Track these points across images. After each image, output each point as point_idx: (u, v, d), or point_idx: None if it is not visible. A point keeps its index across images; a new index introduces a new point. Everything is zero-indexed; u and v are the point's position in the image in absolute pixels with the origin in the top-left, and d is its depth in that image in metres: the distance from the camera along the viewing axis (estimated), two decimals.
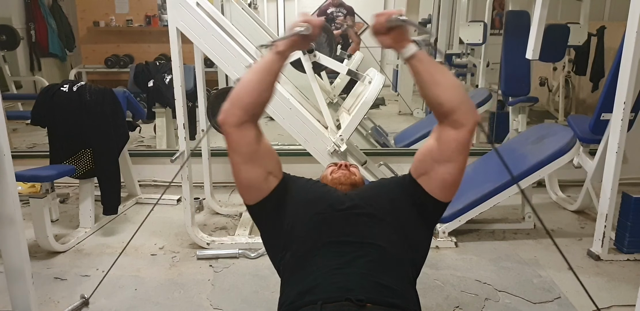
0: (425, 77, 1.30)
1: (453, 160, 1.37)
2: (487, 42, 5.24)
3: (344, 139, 2.53)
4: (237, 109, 1.35)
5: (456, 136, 1.33)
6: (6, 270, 1.83)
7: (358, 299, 1.15)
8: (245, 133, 1.37)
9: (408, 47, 1.31)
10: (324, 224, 1.38)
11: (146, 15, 6.66)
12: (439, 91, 1.30)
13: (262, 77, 1.35)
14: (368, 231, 1.36)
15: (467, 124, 1.32)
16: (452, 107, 1.30)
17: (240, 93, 1.35)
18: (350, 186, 1.63)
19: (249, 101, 1.34)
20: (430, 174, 1.39)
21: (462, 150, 1.37)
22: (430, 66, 1.30)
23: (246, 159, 1.40)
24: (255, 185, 1.43)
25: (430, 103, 1.34)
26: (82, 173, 2.95)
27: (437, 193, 1.40)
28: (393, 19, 1.29)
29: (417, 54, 1.31)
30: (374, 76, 2.72)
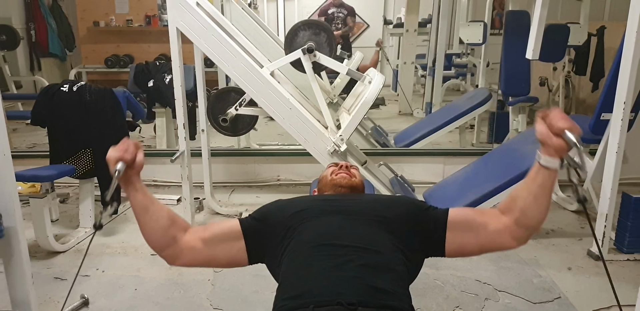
0: (538, 189, 1.29)
1: (484, 249, 1.40)
2: (487, 42, 5.24)
3: (344, 139, 2.54)
4: (163, 252, 1.38)
5: (505, 244, 1.36)
6: (6, 270, 1.83)
7: (349, 303, 1.15)
8: (186, 255, 1.38)
9: (555, 159, 1.26)
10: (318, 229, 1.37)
11: (146, 15, 6.66)
12: (536, 206, 1.30)
13: (146, 217, 1.35)
14: (361, 234, 1.35)
15: (521, 243, 1.35)
16: (529, 225, 1.31)
17: (150, 241, 1.38)
18: (350, 189, 1.61)
19: (160, 238, 1.36)
20: (461, 236, 1.38)
21: (496, 251, 1.44)
22: (551, 186, 1.30)
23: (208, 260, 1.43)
24: (234, 260, 1.44)
25: (516, 205, 1.32)
26: (82, 173, 2.95)
27: (449, 249, 1.39)
28: (571, 137, 1.17)
29: (555, 172, 1.28)
30: (374, 76, 2.72)
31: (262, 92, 2.57)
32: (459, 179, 3.13)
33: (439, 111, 4.94)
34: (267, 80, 2.57)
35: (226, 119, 3.15)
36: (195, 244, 1.39)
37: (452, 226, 1.38)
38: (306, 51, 2.66)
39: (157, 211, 1.36)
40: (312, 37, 2.76)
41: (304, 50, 2.66)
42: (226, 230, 1.43)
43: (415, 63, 6.07)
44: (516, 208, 1.31)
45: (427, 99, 5.51)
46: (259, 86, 2.56)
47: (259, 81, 2.56)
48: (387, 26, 7.29)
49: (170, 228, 1.37)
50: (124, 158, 1.32)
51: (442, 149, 4.32)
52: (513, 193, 1.35)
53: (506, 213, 1.34)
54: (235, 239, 1.41)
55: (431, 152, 4.01)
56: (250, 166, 3.91)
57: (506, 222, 1.33)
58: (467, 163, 3.30)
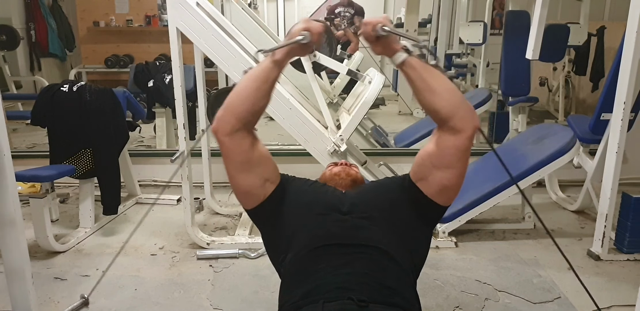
0: (418, 84, 1.28)
1: (452, 166, 1.34)
2: (487, 42, 5.24)
3: (344, 139, 2.53)
4: (230, 117, 1.32)
5: (455, 142, 1.30)
6: (6, 270, 1.83)
7: (360, 299, 1.15)
8: (239, 141, 1.34)
9: (398, 54, 1.29)
10: (324, 227, 1.38)
11: (146, 15, 6.66)
12: (434, 97, 1.27)
13: (258, 85, 1.32)
14: (368, 233, 1.36)
15: (466, 130, 1.29)
16: (448, 114, 1.27)
17: (235, 101, 1.33)
18: (351, 182, 1.63)
19: (243, 109, 1.32)
20: (429, 179, 1.37)
21: (462, 156, 1.34)
22: (423, 72, 1.27)
23: (241, 167, 1.38)
24: (252, 191, 1.41)
25: (427, 110, 1.31)
26: (82, 173, 2.95)
27: (436, 197, 1.39)
28: (378, 30, 1.28)
29: (408, 61, 1.28)
30: (374, 76, 2.72)
31: None
32: None
33: None
34: None
35: None
36: (252, 144, 1.37)
37: (416, 178, 1.40)
38: None
39: (266, 93, 1.34)
40: None
41: None
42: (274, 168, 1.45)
43: None
44: (430, 113, 1.32)
45: None
46: None
47: None
48: None
49: (256, 113, 1.36)
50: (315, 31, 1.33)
51: None
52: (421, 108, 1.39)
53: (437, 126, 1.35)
54: (269, 181, 1.42)
55: None
56: None
57: (438, 131, 1.34)
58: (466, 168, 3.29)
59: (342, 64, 2.95)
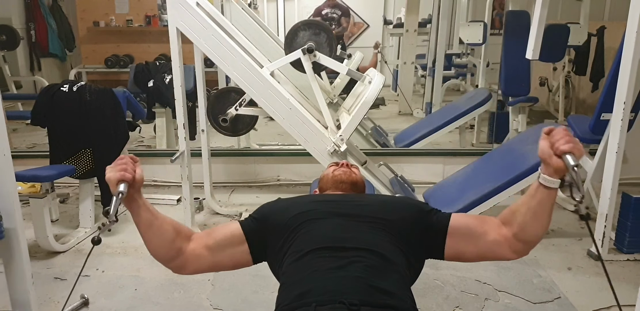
0: (536, 207, 1.28)
1: (481, 257, 1.41)
2: (487, 42, 5.24)
3: (344, 139, 2.53)
4: (169, 264, 1.39)
5: (504, 255, 1.37)
6: (6, 270, 1.83)
7: (352, 303, 1.15)
8: (192, 264, 1.39)
9: (554, 179, 1.23)
10: (321, 230, 1.37)
11: (146, 15, 6.66)
12: (535, 223, 1.30)
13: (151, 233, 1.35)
14: (364, 236, 1.35)
15: (519, 255, 1.37)
16: (527, 240, 1.33)
17: (156, 255, 1.39)
18: (351, 185, 1.63)
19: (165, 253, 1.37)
20: (460, 242, 1.38)
21: (493, 260, 1.44)
22: (550, 204, 1.29)
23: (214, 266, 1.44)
24: (240, 262, 1.45)
25: (518, 224, 1.32)
26: (82, 173, 2.95)
27: (447, 253, 1.40)
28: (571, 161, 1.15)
29: (554, 191, 1.26)
30: (374, 76, 2.72)
31: (262, 93, 2.57)
32: (459, 180, 3.13)
33: (438, 111, 4.94)
34: (267, 80, 2.57)
35: (226, 119, 3.15)
36: (201, 253, 1.39)
37: (452, 232, 1.38)
38: (306, 51, 2.66)
39: (161, 225, 1.36)
40: (312, 37, 2.76)
41: (304, 50, 2.66)
42: (229, 235, 1.42)
43: (415, 63, 6.07)
44: (515, 222, 1.32)
45: (427, 99, 5.50)
46: (259, 86, 2.57)
47: (258, 81, 2.56)
48: (387, 26, 7.29)
49: (175, 240, 1.37)
50: (125, 177, 1.28)
51: (442, 149, 4.32)
52: (513, 207, 1.35)
53: (506, 225, 1.35)
54: (239, 243, 1.41)
55: (431, 153, 4.01)
56: (250, 166, 3.91)
57: (506, 234, 1.34)
58: (467, 163, 3.30)
59: (342, 64, 2.95)
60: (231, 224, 1.45)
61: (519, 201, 1.34)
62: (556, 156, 1.19)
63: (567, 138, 1.19)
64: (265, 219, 1.44)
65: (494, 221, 1.38)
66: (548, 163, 1.22)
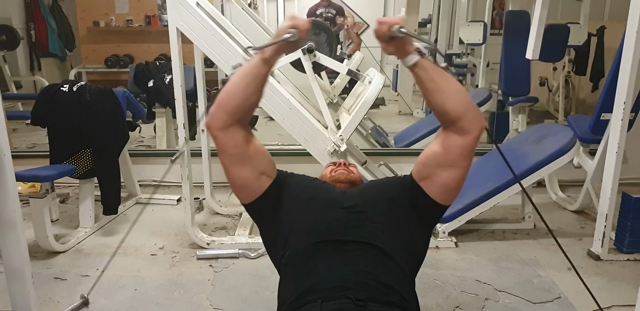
0: (429, 85, 1.29)
1: (457, 166, 1.37)
2: (487, 42, 5.24)
3: (344, 139, 2.53)
4: (222, 113, 1.34)
5: (461, 142, 1.33)
6: (6, 270, 1.83)
7: (358, 299, 1.15)
8: (232, 136, 1.36)
9: (411, 55, 1.29)
10: (323, 223, 1.38)
11: (146, 15, 6.66)
12: (444, 98, 1.29)
13: (248, 81, 1.34)
14: (366, 231, 1.36)
15: (473, 130, 1.32)
16: (457, 115, 1.30)
17: (226, 97, 1.34)
18: (349, 184, 1.64)
19: (235, 105, 1.34)
20: (433, 178, 1.39)
21: (467, 156, 1.37)
22: (434, 73, 1.29)
23: (235, 161, 1.40)
24: (248, 185, 1.43)
25: (436, 111, 1.33)
26: (82, 173, 2.95)
27: (438, 196, 1.40)
28: (394, 30, 1.27)
29: (420, 62, 1.29)
30: (374, 76, 2.72)
31: None
32: None
33: None
34: None
35: None
36: (245, 139, 1.39)
37: (419, 178, 1.41)
38: (306, 51, 2.66)
39: (257, 89, 1.35)
40: (312, 37, 2.76)
41: (303, 50, 2.66)
42: (270, 162, 1.46)
43: None
44: (439, 114, 1.33)
45: None
46: None
47: None
48: None
49: (248, 109, 1.37)
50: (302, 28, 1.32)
51: None
52: (430, 109, 1.40)
53: (442, 126, 1.37)
54: (266, 175, 1.44)
55: None
56: None
57: (445, 131, 1.35)
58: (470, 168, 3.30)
59: (342, 64, 2.95)
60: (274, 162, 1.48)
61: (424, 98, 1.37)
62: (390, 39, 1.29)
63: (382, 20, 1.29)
64: (287, 190, 1.48)
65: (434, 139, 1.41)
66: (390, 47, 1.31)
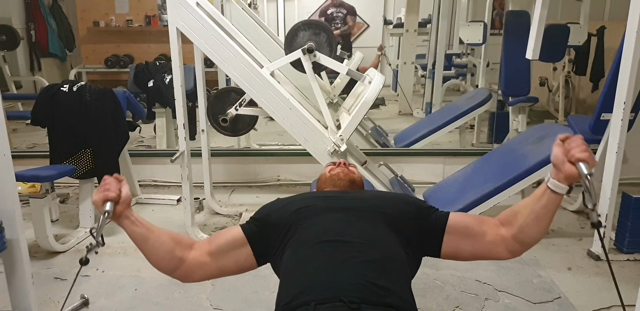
0: (542, 211, 1.28)
1: (478, 256, 1.42)
2: (487, 42, 5.24)
3: (344, 139, 2.53)
4: (171, 274, 1.39)
5: (500, 254, 1.38)
6: (6, 270, 1.83)
7: (351, 301, 1.15)
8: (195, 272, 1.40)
9: (563, 185, 1.24)
10: (320, 225, 1.38)
11: (146, 15, 6.66)
12: (536, 225, 1.30)
13: (148, 247, 1.37)
14: (364, 231, 1.35)
15: (515, 255, 1.37)
16: (525, 241, 1.34)
17: (157, 266, 1.39)
18: (349, 182, 1.64)
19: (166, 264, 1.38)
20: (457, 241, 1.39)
21: (490, 259, 1.44)
22: (554, 209, 1.29)
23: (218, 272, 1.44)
24: (245, 266, 1.45)
25: (519, 225, 1.32)
26: (82, 173, 2.95)
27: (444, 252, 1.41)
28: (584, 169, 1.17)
29: (560, 196, 1.27)
30: (374, 76, 2.72)
31: (262, 92, 2.57)
32: (459, 179, 3.13)
33: (439, 111, 4.94)
34: (267, 80, 2.57)
35: (226, 119, 3.15)
36: (204, 260, 1.40)
37: (450, 231, 1.39)
38: (306, 51, 2.66)
39: (158, 238, 1.36)
40: (312, 37, 2.76)
41: (304, 50, 2.66)
42: (230, 239, 1.43)
43: (415, 63, 6.07)
44: (516, 223, 1.33)
45: (427, 99, 5.51)
46: (259, 86, 2.57)
47: (259, 81, 2.56)
48: (387, 26, 7.29)
49: (175, 250, 1.37)
50: (109, 197, 1.30)
51: (442, 149, 4.33)
52: (515, 208, 1.35)
53: (505, 225, 1.36)
54: (241, 247, 1.42)
55: (431, 152, 4.01)
56: (250, 166, 3.91)
57: (504, 235, 1.35)
58: (467, 163, 3.30)
59: (342, 64, 2.95)
60: (232, 229, 1.45)
61: (521, 202, 1.35)
62: (569, 163, 1.21)
63: (583, 147, 1.20)
64: (265, 218, 1.44)
65: (492, 222, 1.39)
66: (560, 168, 1.23)
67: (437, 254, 1.42)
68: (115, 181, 1.33)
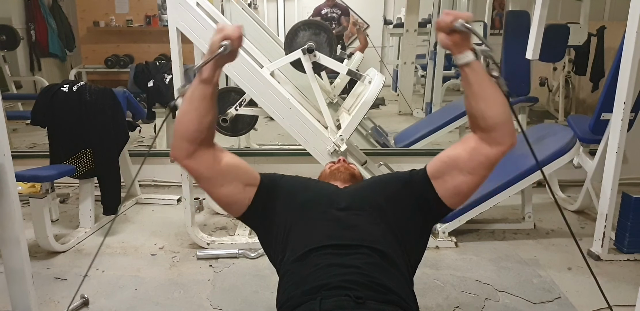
0: (475, 88, 1.28)
1: (475, 173, 1.36)
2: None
3: (344, 139, 2.54)
4: (183, 142, 1.35)
5: (488, 153, 1.32)
6: (6, 270, 1.83)
7: (357, 296, 1.16)
8: (200, 160, 1.36)
9: (466, 53, 1.27)
10: (321, 226, 1.38)
11: (146, 15, 6.67)
12: (486, 105, 1.28)
13: (197, 105, 1.33)
14: (365, 232, 1.36)
15: (504, 144, 1.32)
16: (494, 125, 1.29)
17: (182, 126, 1.34)
18: (350, 176, 1.65)
19: (193, 130, 1.34)
20: (447, 179, 1.37)
21: (489, 167, 1.36)
22: (483, 78, 1.27)
23: (213, 183, 1.40)
24: (234, 201, 1.42)
25: (472, 115, 1.32)
26: (82, 173, 2.95)
27: (447, 197, 1.39)
28: (458, 24, 1.23)
29: (473, 63, 1.27)
30: (374, 76, 2.72)
31: (262, 92, 2.58)
32: None
33: (439, 111, 4.94)
34: (267, 80, 2.57)
35: (226, 119, 3.15)
36: (215, 158, 1.38)
37: (434, 176, 1.39)
38: (306, 51, 2.66)
39: (208, 109, 1.34)
40: (312, 37, 2.76)
41: (304, 50, 2.66)
42: (248, 172, 1.44)
43: (415, 63, 6.07)
44: (475, 118, 1.32)
45: (427, 99, 5.51)
46: (259, 86, 2.57)
47: (259, 81, 2.56)
48: (387, 26, 7.29)
49: (208, 129, 1.35)
50: (233, 37, 1.29)
51: (442, 149, 4.27)
52: (466, 110, 1.35)
53: (472, 130, 1.35)
54: (249, 184, 1.43)
55: (431, 152, 3.98)
56: (251, 166, 3.90)
57: (475, 137, 1.34)
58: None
59: (342, 64, 2.95)
60: (252, 170, 1.46)
61: (464, 102, 1.35)
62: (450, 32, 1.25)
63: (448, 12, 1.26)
64: (274, 195, 1.45)
65: (459, 143, 1.39)
66: (447, 40, 1.27)
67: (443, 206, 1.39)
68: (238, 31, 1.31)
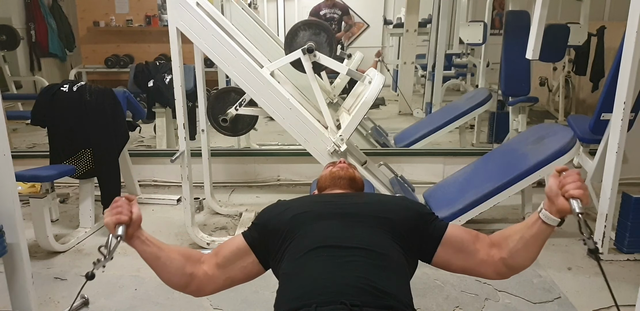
0: (529, 238, 1.29)
1: (467, 273, 1.43)
2: (487, 42, 5.24)
3: (344, 139, 2.53)
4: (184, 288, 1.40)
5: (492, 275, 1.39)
6: (6, 270, 1.83)
7: (353, 304, 1.15)
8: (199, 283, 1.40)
9: (554, 217, 1.26)
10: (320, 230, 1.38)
11: (146, 15, 6.66)
12: (525, 255, 1.32)
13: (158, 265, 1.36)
14: (364, 236, 1.35)
15: (502, 277, 1.39)
16: (514, 268, 1.35)
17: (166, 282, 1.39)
18: (349, 180, 1.64)
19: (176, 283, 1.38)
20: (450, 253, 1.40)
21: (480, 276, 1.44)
22: (544, 239, 1.30)
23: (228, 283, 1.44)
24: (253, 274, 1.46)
25: (508, 250, 1.33)
26: (82, 173, 2.95)
27: (435, 261, 1.42)
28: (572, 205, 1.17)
29: (551, 228, 1.28)
30: (374, 76, 2.72)
31: (262, 92, 2.58)
32: (459, 179, 3.13)
33: (439, 111, 4.94)
34: (267, 80, 2.57)
35: (226, 119, 3.15)
36: (213, 273, 1.40)
37: (445, 243, 1.40)
38: (306, 51, 2.66)
39: (168, 256, 1.36)
40: (312, 37, 2.76)
41: (304, 50, 2.66)
42: (235, 249, 1.43)
43: (415, 63, 6.07)
44: (506, 247, 1.33)
45: (427, 99, 5.51)
46: (259, 86, 2.57)
47: (259, 81, 2.56)
48: (387, 26, 7.28)
49: (186, 267, 1.38)
50: (121, 220, 1.28)
51: (442, 149, 4.33)
52: (507, 232, 1.36)
53: (496, 247, 1.36)
54: (246, 255, 1.43)
55: (431, 152, 4.01)
56: (250, 166, 3.91)
57: (494, 256, 1.36)
58: (467, 163, 3.30)
59: (342, 64, 2.95)
60: (235, 238, 1.46)
61: (514, 226, 1.35)
62: (563, 197, 1.20)
63: (579, 184, 1.19)
64: (265, 223, 1.44)
65: (486, 240, 1.39)
66: (553, 201, 1.23)
67: (428, 261, 1.43)
68: (126, 203, 1.32)
